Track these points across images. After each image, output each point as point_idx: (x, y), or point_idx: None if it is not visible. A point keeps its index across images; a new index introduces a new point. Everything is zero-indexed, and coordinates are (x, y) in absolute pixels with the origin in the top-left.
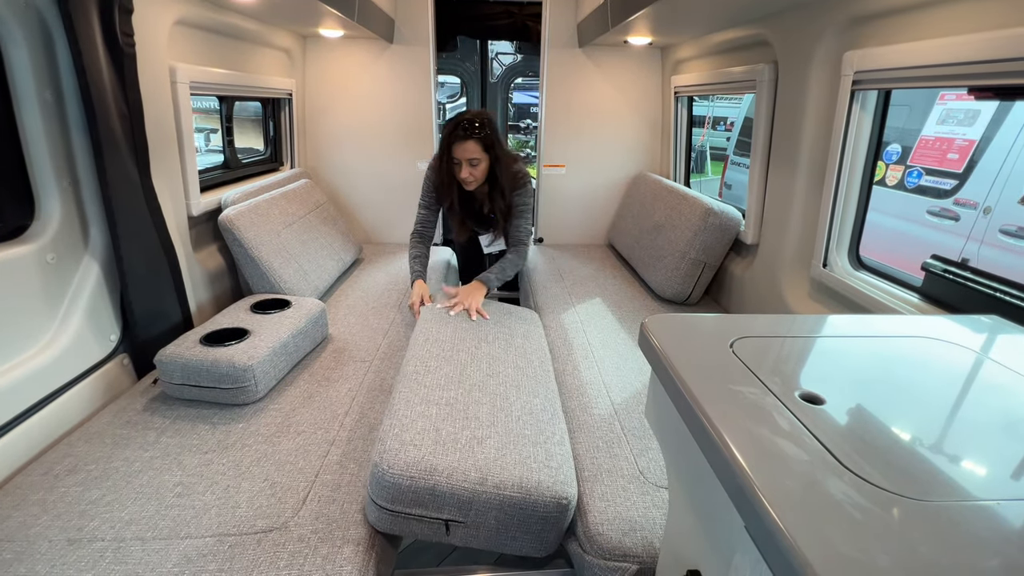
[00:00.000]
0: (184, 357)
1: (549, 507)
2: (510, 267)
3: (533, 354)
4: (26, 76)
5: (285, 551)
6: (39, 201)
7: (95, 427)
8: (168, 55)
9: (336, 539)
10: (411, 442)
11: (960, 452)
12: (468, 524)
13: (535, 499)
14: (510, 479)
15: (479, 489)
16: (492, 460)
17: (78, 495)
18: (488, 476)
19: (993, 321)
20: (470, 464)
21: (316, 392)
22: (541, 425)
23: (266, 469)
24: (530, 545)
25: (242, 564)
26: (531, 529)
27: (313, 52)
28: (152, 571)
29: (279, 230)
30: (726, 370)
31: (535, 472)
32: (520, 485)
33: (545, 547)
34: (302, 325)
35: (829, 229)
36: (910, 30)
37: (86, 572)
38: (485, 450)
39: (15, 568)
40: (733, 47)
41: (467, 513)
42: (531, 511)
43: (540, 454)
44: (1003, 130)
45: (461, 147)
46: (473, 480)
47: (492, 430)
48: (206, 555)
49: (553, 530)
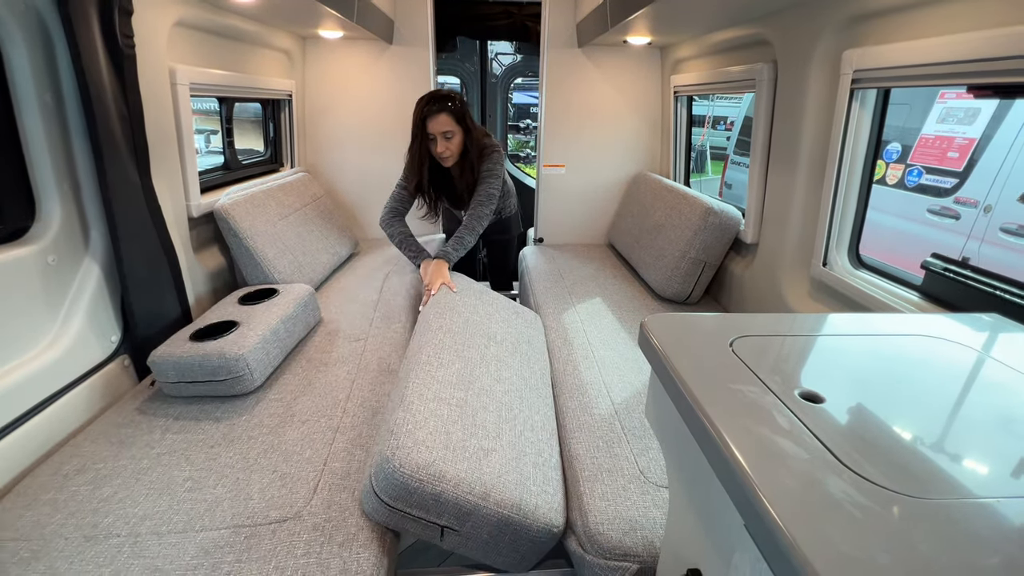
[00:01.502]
0: (175, 355)
1: (541, 532)
2: (467, 233)
3: (535, 363)
4: (26, 78)
5: (301, 540)
6: (39, 203)
7: (99, 427)
8: (168, 56)
9: (351, 526)
10: (423, 442)
11: (960, 450)
12: (462, 534)
13: (530, 523)
14: (510, 499)
15: (480, 504)
16: (496, 476)
17: (89, 493)
18: (491, 492)
19: (993, 319)
20: (475, 477)
21: (315, 378)
22: (540, 445)
23: (274, 460)
24: (512, 562)
25: (260, 554)
26: (519, 549)
27: (313, 53)
28: (171, 564)
29: (275, 221)
30: (726, 369)
31: (533, 496)
32: (518, 507)
33: (524, 566)
34: (291, 311)
35: (829, 228)
36: (909, 28)
37: (105, 567)
38: (491, 463)
39: (34, 566)
40: (732, 46)
41: (463, 523)
42: (523, 533)
43: (539, 477)
44: (1003, 128)
45: (435, 120)
46: (477, 494)
47: (498, 442)
48: (223, 547)
49: (537, 553)
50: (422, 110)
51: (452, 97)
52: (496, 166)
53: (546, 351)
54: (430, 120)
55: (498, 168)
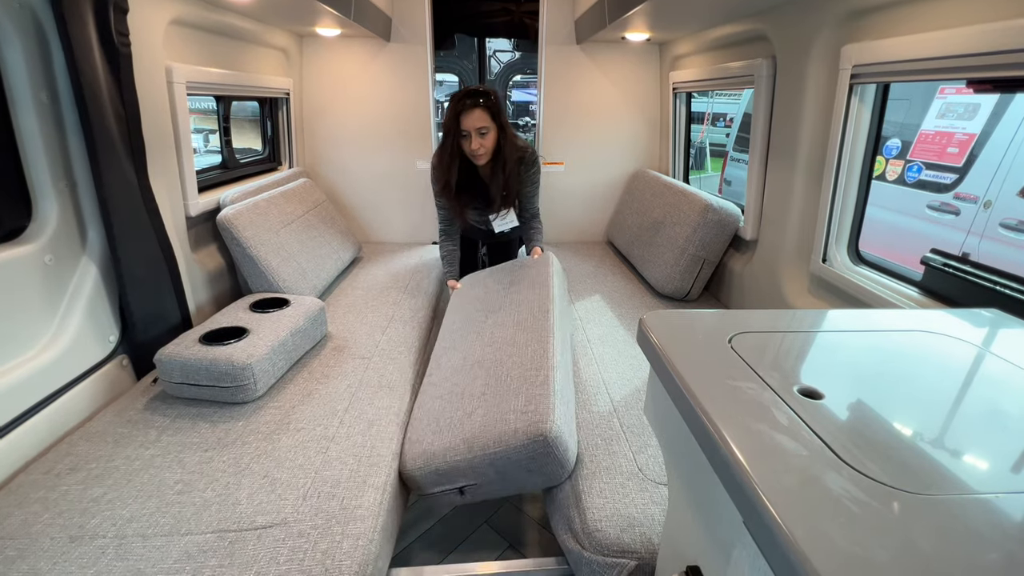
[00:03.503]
0: (183, 356)
1: (530, 447)
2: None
3: (535, 302)
4: (21, 77)
5: (285, 546)
6: (36, 202)
7: (96, 427)
8: (164, 55)
9: (336, 534)
10: (416, 439)
11: (959, 446)
12: (479, 484)
13: (515, 446)
14: (490, 438)
15: (468, 456)
16: (479, 427)
17: (80, 493)
18: (474, 443)
19: (993, 315)
20: (459, 439)
21: (315, 389)
22: (527, 372)
23: (266, 466)
24: (539, 479)
25: (242, 559)
26: (530, 467)
27: (310, 51)
28: (153, 567)
29: (277, 229)
30: (724, 366)
31: (511, 423)
32: (499, 440)
33: (554, 478)
34: (301, 324)
35: (828, 224)
36: (908, 23)
37: (88, 569)
38: (472, 422)
39: (18, 565)
40: (731, 42)
41: (471, 476)
42: (517, 455)
43: (519, 403)
44: (1003, 124)
45: (469, 116)
46: (462, 451)
47: (482, 400)
48: (206, 551)
49: (551, 462)
50: (456, 105)
51: (488, 93)
52: (539, 176)
53: (551, 284)
54: (465, 115)
55: (539, 178)
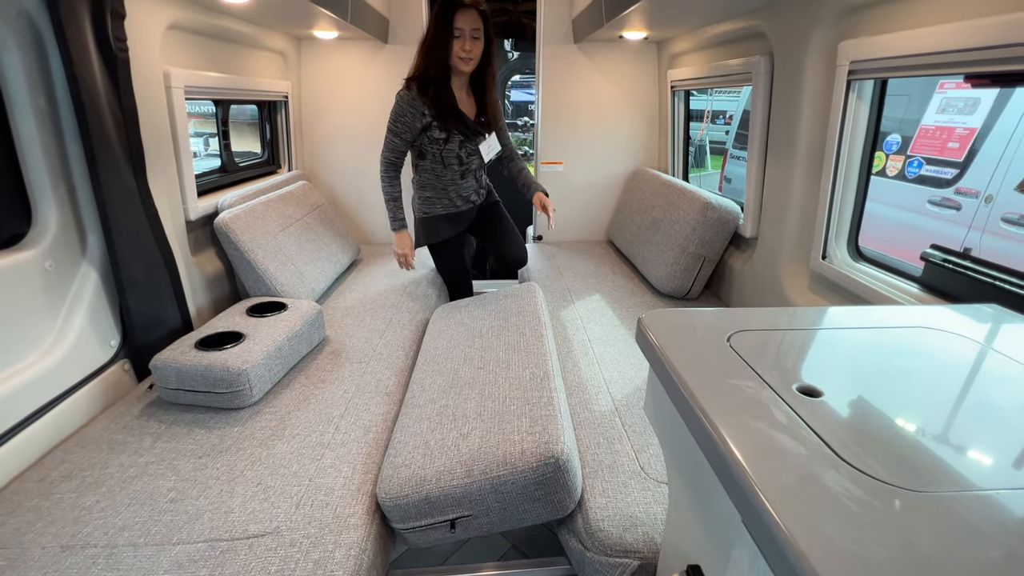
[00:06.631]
0: (179, 362)
1: (539, 469)
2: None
3: (527, 326)
4: (19, 83)
5: (276, 556)
6: (35, 208)
7: (92, 433)
8: (162, 60)
9: (328, 543)
10: (402, 464)
11: (959, 442)
12: (475, 515)
13: (523, 468)
14: (494, 460)
15: (467, 482)
16: (476, 449)
17: (73, 501)
18: (474, 466)
19: (993, 310)
20: (455, 462)
21: (311, 395)
22: (528, 394)
23: (259, 473)
24: (544, 511)
25: (233, 569)
26: (535, 496)
27: (308, 54)
28: None
29: (275, 233)
30: (723, 364)
31: (517, 444)
32: (504, 462)
33: (560, 509)
34: (298, 328)
35: (828, 220)
36: (905, 18)
37: None
38: (469, 443)
39: (8, 575)
40: (728, 40)
41: (467, 505)
42: (524, 480)
43: (524, 424)
44: (1004, 118)
45: (466, 14)
46: (460, 475)
47: (478, 421)
48: (197, 561)
49: (559, 490)
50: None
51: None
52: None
53: (540, 310)
54: (461, 13)
55: None
